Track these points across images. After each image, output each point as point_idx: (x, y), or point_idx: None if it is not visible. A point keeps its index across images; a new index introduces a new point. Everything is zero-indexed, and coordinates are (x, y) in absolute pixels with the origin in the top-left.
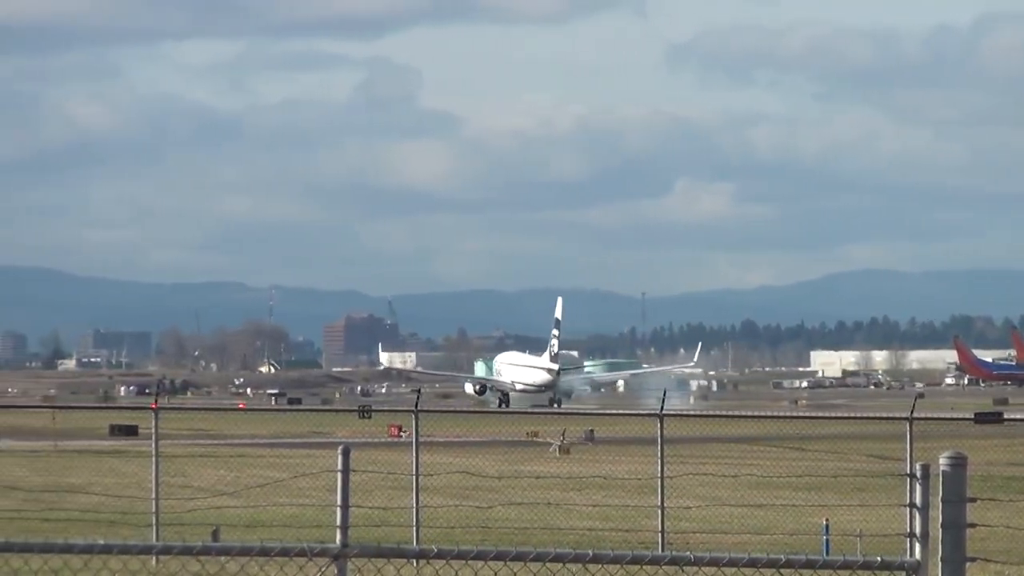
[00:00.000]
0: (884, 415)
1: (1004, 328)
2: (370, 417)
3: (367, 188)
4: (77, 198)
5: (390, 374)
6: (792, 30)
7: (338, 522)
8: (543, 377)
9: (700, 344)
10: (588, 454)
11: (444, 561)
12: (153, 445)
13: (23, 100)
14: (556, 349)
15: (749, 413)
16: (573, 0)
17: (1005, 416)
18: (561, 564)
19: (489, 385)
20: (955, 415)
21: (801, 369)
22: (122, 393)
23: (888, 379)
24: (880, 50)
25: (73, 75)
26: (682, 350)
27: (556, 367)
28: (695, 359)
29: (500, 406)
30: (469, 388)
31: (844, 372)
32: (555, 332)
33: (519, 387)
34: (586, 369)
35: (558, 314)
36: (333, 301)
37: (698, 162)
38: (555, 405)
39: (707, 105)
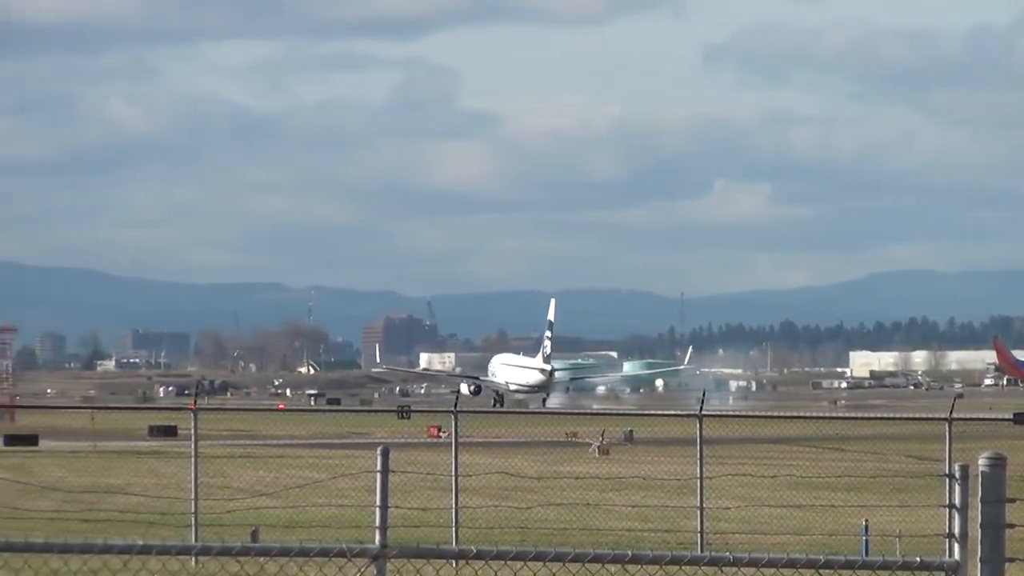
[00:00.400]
0: (923, 416)
1: None
2: (409, 418)
3: (405, 189)
4: (116, 199)
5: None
6: (829, 30)
7: (377, 523)
8: (536, 378)
9: (691, 348)
10: (627, 454)
11: (483, 562)
12: (192, 446)
13: (62, 101)
14: (548, 350)
15: (788, 414)
16: (611, 0)
17: None
18: (600, 565)
19: (484, 386)
20: (994, 416)
21: (825, 369)
22: (161, 394)
23: (927, 379)
24: (917, 50)
25: (112, 76)
26: (721, 351)
27: (549, 368)
28: (687, 359)
29: (495, 406)
30: (464, 388)
31: (871, 373)
32: (548, 334)
33: (513, 387)
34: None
35: (551, 316)
36: (372, 302)
37: (736, 162)
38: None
39: (744, 105)
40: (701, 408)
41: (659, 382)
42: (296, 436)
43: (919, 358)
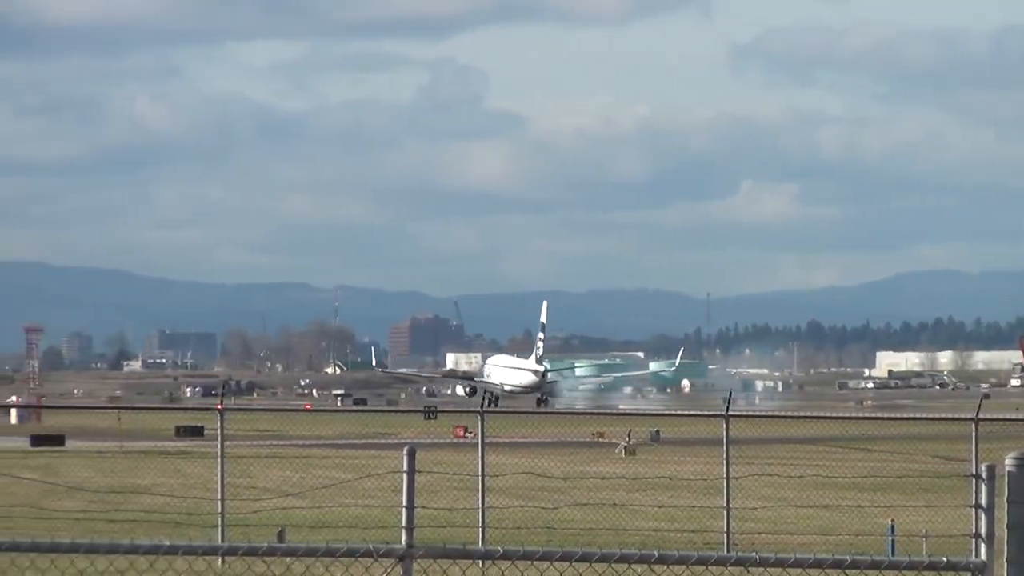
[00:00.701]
0: (949, 416)
1: None
2: (435, 418)
3: (432, 189)
4: (143, 199)
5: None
6: (855, 30)
7: (403, 523)
8: (529, 379)
9: (681, 351)
10: (654, 455)
11: (510, 562)
12: (219, 446)
13: (88, 101)
14: (541, 351)
15: (814, 414)
16: (637, 1)
17: None
18: (627, 565)
19: (479, 387)
20: (1021, 416)
21: (850, 370)
22: (187, 394)
23: (953, 380)
24: (943, 50)
25: (138, 76)
26: (747, 351)
27: (542, 369)
28: (679, 359)
29: (489, 406)
30: (460, 390)
31: (890, 372)
32: (540, 335)
33: (507, 388)
34: (577, 371)
35: (543, 318)
36: (398, 302)
37: (763, 163)
38: (542, 405)
39: (771, 105)
40: (727, 408)
41: (685, 382)
42: (322, 436)
43: (945, 358)
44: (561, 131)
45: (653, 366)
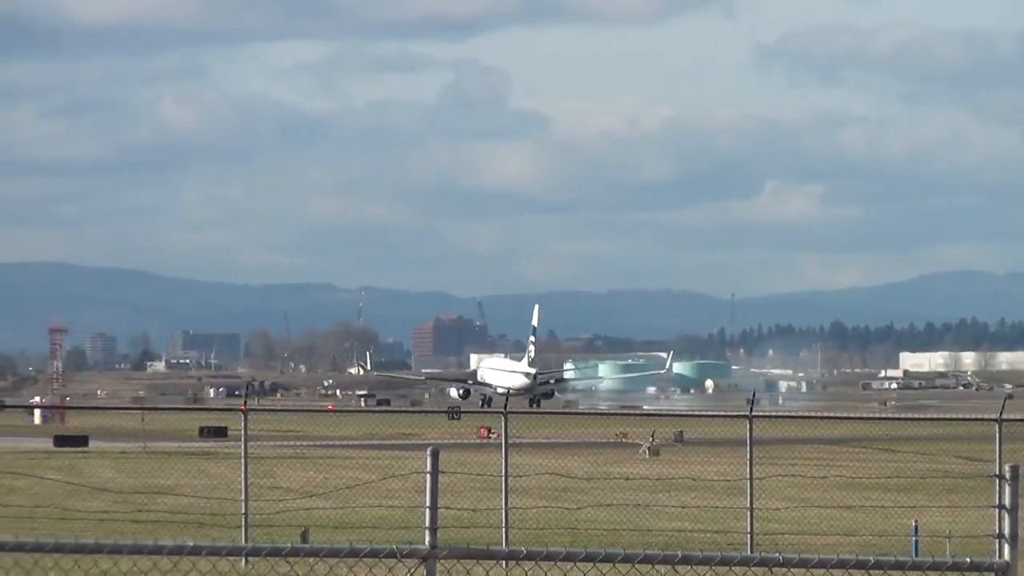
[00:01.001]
0: (973, 416)
1: None
2: (459, 418)
3: (455, 189)
4: (167, 200)
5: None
6: (880, 30)
7: (427, 523)
8: (521, 381)
9: (671, 353)
10: (677, 455)
11: (533, 562)
12: (242, 446)
13: (114, 102)
14: (532, 355)
15: (837, 414)
16: (662, 1)
17: None
18: (650, 565)
19: (473, 390)
20: None
21: (873, 370)
22: (211, 394)
23: (977, 380)
24: (968, 50)
25: (164, 77)
26: (771, 351)
27: (533, 371)
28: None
29: (482, 406)
30: (454, 392)
31: (905, 372)
32: (531, 339)
33: (500, 391)
34: (567, 374)
35: (535, 322)
36: (422, 302)
37: (787, 163)
38: (534, 406)
39: (796, 106)
40: (751, 409)
41: (709, 383)
42: (346, 437)
43: (969, 359)
44: (584, 131)
45: (676, 367)
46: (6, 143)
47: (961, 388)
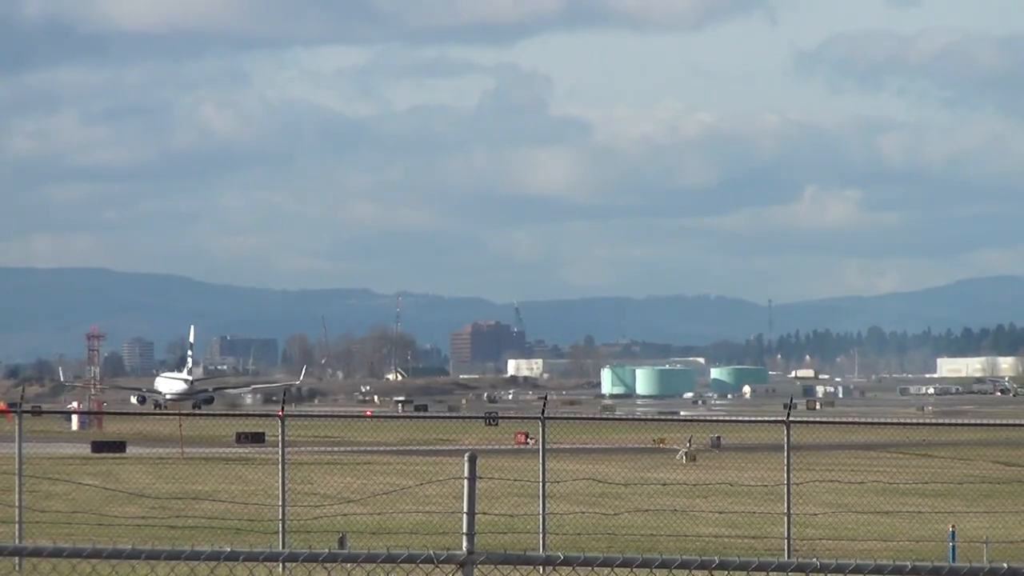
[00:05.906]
0: (1011, 422)
1: None
2: (497, 424)
3: (495, 195)
4: (208, 205)
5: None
6: (921, 36)
7: (464, 529)
8: (181, 387)
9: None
10: (715, 461)
11: (570, 568)
12: (280, 452)
13: (155, 108)
14: (190, 365)
15: (875, 420)
16: (704, 7)
17: None
18: (687, 571)
19: (147, 396)
20: None
21: (912, 376)
22: (248, 400)
23: (1015, 386)
24: (1010, 55)
25: (205, 83)
26: (808, 356)
27: (191, 379)
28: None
29: (156, 409)
30: (133, 399)
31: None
32: (190, 353)
33: (169, 397)
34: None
35: (191, 339)
36: (459, 308)
37: (827, 169)
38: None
39: (836, 112)
40: (788, 414)
41: (746, 388)
42: (383, 443)
43: (1007, 364)
44: (625, 137)
45: (714, 373)
46: (49, 149)
47: (998, 394)
